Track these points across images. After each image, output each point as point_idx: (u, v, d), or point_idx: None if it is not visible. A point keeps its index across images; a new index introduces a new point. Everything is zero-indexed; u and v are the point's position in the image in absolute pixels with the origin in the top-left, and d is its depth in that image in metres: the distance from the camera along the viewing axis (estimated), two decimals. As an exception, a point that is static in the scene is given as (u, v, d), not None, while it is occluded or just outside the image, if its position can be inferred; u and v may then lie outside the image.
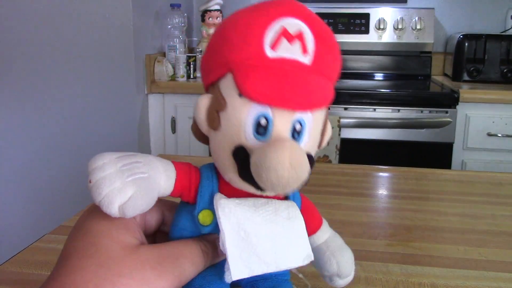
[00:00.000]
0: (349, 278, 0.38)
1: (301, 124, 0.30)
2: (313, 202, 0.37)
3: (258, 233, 0.30)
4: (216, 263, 0.33)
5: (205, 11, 2.05)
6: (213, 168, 0.32)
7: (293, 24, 0.29)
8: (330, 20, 2.13)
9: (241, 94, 0.28)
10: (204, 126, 0.31)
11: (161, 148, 1.88)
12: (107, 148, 0.37)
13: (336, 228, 0.38)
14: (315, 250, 0.36)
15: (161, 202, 0.34)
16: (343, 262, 0.37)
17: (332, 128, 1.59)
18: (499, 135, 1.67)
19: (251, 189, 0.30)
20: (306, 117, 0.30)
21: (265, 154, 0.27)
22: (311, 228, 0.36)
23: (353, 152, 1.71)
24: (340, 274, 0.37)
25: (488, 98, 1.67)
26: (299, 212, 0.33)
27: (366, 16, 2.10)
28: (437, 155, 1.71)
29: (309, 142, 0.31)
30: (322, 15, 2.15)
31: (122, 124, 1.66)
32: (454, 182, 0.78)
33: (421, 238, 0.57)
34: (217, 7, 2.05)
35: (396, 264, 0.50)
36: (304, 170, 0.28)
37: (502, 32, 2.07)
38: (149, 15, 1.83)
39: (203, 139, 0.33)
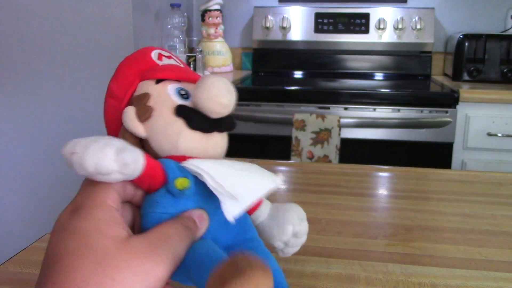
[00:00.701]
0: (304, 233, 0.38)
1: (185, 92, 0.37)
2: (313, 202, 0.37)
3: (233, 174, 0.33)
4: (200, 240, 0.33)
5: (205, 11, 2.05)
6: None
7: (163, 51, 0.40)
8: (330, 20, 2.13)
9: (157, 81, 0.36)
10: (138, 127, 0.35)
11: (161, 148, 1.88)
12: None
13: (336, 228, 0.38)
14: (263, 224, 0.38)
15: (130, 203, 0.34)
16: (292, 221, 0.38)
17: (332, 128, 1.59)
18: (499, 135, 1.67)
19: (198, 136, 0.34)
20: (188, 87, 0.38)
21: (206, 79, 0.34)
22: (252, 208, 0.38)
23: (353, 152, 1.71)
24: (297, 233, 0.38)
25: (488, 98, 1.67)
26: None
27: (366, 16, 2.10)
28: (437, 155, 1.71)
29: None
30: (322, 15, 2.16)
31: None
32: (454, 182, 0.78)
33: (421, 238, 0.57)
34: (217, 6, 2.05)
35: (396, 264, 0.50)
36: (234, 90, 0.35)
37: (502, 32, 2.07)
38: (149, 15, 1.83)
39: (138, 143, 0.36)
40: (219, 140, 0.35)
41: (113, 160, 0.28)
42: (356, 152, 1.73)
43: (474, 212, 0.65)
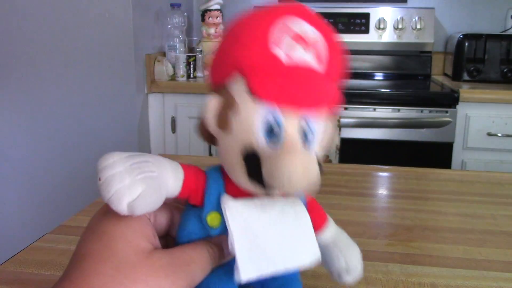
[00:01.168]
0: (357, 274, 0.37)
1: (307, 125, 0.30)
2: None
3: (266, 233, 0.30)
4: (224, 263, 0.33)
5: (205, 11, 2.05)
6: (219, 170, 0.33)
7: (309, 32, 0.30)
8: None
9: (257, 97, 0.29)
10: (213, 127, 0.31)
11: (161, 148, 1.88)
12: (106, 148, 0.37)
13: (336, 228, 0.38)
14: (322, 247, 0.36)
15: (169, 203, 0.34)
16: (351, 258, 0.37)
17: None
18: (499, 135, 1.67)
19: (259, 191, 0.30)
20: (316, 122, 0.30)
21: (280, 164, 0.28)
22: (317, 226, 0.36)
23: (353, 152, 1.71)
24: (349, 270, 0.37)
25: (488, 98, 1.67)
26: (305, 211, 0.33)
27: (366, 16, 2.10)
28: (437, 155, 1.71)
29: (317, 148, 0.31)
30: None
31: (122, 124, 1.66)
32: (454, 182, 0.78)
33: (421, 238, 0.57)
34: (217, 6, 2.05)
35: (396, 264, 0.50)
36: (315, 177, 0.29)
37: (502, 32, 2.07)
38: (149, 15, 1.83)
39: (210, 139, 0.33)
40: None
41: (125, 208, 0.28)
42: (356, 152, 1.73)
43: (474, 212, 0.65)
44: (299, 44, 0.30)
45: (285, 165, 0.28)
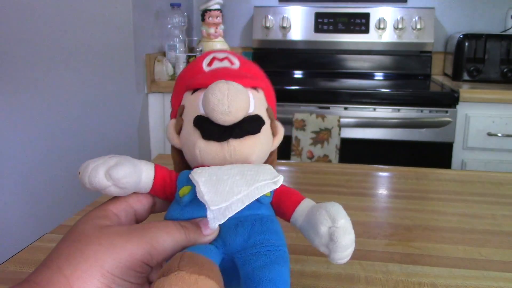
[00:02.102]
0: (346, 229, 0.34)
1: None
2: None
3: (229, 171, 0.33)
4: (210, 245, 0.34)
5: (205, 11, 2.05)
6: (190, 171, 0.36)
7: (221, 53, 0.40)
8: (330, 20, 2.13)
9: (194, 90, 0.37)
10: (174, 140, 0.38)
11: (161, 148, 1.88)
12: (107, 148, 0.39)
13: (336, 228, 0.38)
14: (302, 224, 0.35)
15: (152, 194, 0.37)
16: (334, 212, 0.33)
17: (332, 128, 1.59)
18: (499, 135, 1.67)
19: (214, 147, 0.35)
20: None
21: (207, 90, 0.34)
22: (292, 202, 0.36)
23: (353, 151, 1.71)
24: (335, 220, 0.33)
25: (488, 98, 1.67)
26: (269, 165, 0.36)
27: (366, 16, 2.10)
28: (437, 155, 1.71)
29: (255, 110, 0.37)
30: (322, 15, 2.16)
31: (122, 123, 1.66)
32: (454, 182, 0.78)
33: (421, 238, 0.57)
34: (217, 6, 2.05)
35: (396, 264, 0.50)
36: (241, 95, 0.33)
37: (502, 32, 2.07)
38: (149, 15, 1.83)
39: (182, 160, 0.39)
40: (239, 146, 0.35)
41: (103, 177, 0.32)
42: (356, 152, 1.73)
43: (474, 212, 0.65)
44: (216, 59, 0.40)
45: (212, 85, 0.34)
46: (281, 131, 0.40)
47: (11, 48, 1.13)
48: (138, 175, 0.34)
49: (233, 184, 0.32)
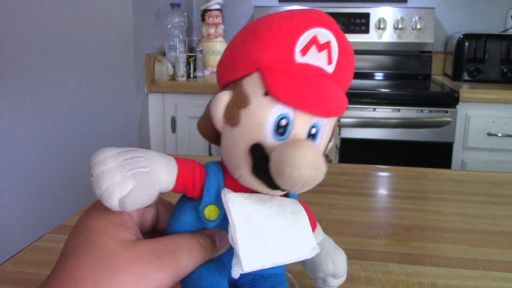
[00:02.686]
0: (343, 279, 0.38)
1: (316, 128, 0.31)
2: (313, 202, 0.37)
3: (267, 225, 0.30)
4: (216, 258, 0.33)
5: (205, 11, 2.05)
6: (219, 165, 0.33)
7: (324, 34, 0.31)
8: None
9: (266, 93, 0.29)
10: (220, 122, 0.31)
11: (161, 147, 1.88)
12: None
13: (336, 228, 0.38)
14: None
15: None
16: (338, 262, 0.37)
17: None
18: (499, 135, 1.67)
19: (261, 187, 0.31)
20: (322, 123, 0.31)
21: (290, 151, 0.28)
22: None
23: (353, 151, 1.71)
24: (336, 274, 0.37)
25: (488, 98, 1.67)
26: (303, 208, 0.33)
27: (366, 16, 2.10)
28: (437, 155, 1.71)
29: (321, 146, 0.32)
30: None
31: (122, 123, 1.66)
32: (454, 182, 0.78)
33: (421, 238, 0.57)
34: (217, 6, 2.05)
35: (396, 264, 0.50)
36: (323, 171, 0.29)
37: (502, 32, 2.07)
38: (149, 15, 1.83)
39: (211, 136, 0.33)
40: (281, 191, 0.32)
41: (117, 205, 0.29)
42: (356, 152, 1.73)
43: (474, 212, 0.65)
44: (314, 45, 0.31)
45: (297, 154, 0.28)
46: (334, 137, 0.35)
47: (11, 48, 1.13)
48: (155, 194, 0.30)
49: (271, 245, 0.30)
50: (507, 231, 0.59)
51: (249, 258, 0.30)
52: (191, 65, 1.87)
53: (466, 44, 1.87)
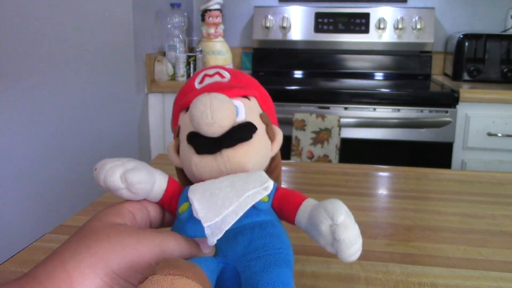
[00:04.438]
0: (350, 227, 0.32)
1: (236, 108, 0.37)
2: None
3: (219, 184, 0.34)
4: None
5: (205, 11, 2.05)
6: None
7: (212, 69, 0.42)
8: (330, 20, 2.13)
9: (186, 110, 0.38)
10: (175, 160, 0.38)
11: (161, 148, 1.88)
12: (107, 148, 0.40)
13: (336, 228, 0.38)
14: (306, 225, 0.34)
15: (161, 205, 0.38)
16: (329, 206, 0.32)
17: (332, 128, 1.59)
18: (499, 135, 1.67)
19: (208, 160, 0.35)
20: (238, 103, 0.37)
21: (191, 105, 0.34)
22: (294, 205, 0.35)
23: (353, 151, 1.71)
24: (333, 217, 0.31)
25: (488, 98, 1.67)
26: (262, 171, 0.37)
27: (366, 16, 2.10)
28: (437, 155, 1.71)
29: (247, 117, 0.37)
30: (322, 15, 2.15)
31: (122, 123, 1.66)
32: (454, 182, 0.78)
33: (421, 238, 0.57)
34: (217, 6, 2.05)
35: (396, 264, 0.50)
36: (224, 104, 0.34)
37: (502, 32, 2.07)
38: (149, 15, 1.83)
39: (183, 177, 0.40)
40: (232, 155, 0.35)
41: (119, 178, 0.33)
42: (356, 152, 1.73)
43: (474, 212, 0.65)
44: (206, 76, 0.41)
45: (195, 100, 0.34)
46: (279, 135, 0.40)
47: (11, 48, 1.13)
48: (152, 183, 0.35)
49: (224, 197, 0.32)
50: (507, 231, 0.59)
51: (207, 214, 0.32)
52: (191, 65, 1.87)
53: (466, 44, 1.87)
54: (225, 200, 0.32)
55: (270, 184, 0.34)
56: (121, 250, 0.29)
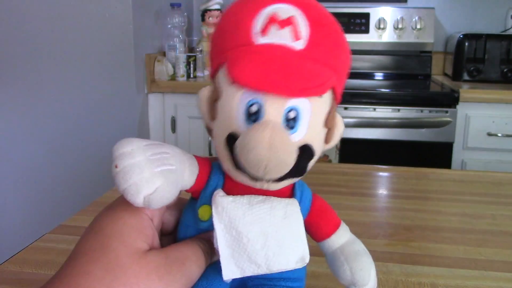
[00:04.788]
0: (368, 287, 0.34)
1: (296, 113, 0.28)
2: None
3: (249, 233, 0.29)
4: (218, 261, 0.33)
5: (205, 11, 2.05)
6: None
7: (285, 9, 0.29)
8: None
9: (232, 81, 0.28)
10: (206, 118, 0.31)
11: (161, 147, 1.88)
12: (107, 148, 0.36)
13: (336, 228, 0.38)
14: (330, 255, 0.35)
15: (179, 199, 0.33)
16: (357, 269, 0.34)
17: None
18: (499, 135, 1.67)
19: (245, 179, 0.30)
20: (302, 105, 0.28)
21: (247, 134, 0.27)
22: (325, 232, 0.34)
23: (353, 151, 1.71)
24: (355, 282, 0.34)
25: (488, 98, 1.67)
26: (299, 211, 0.31)
27: (366, 16, 2.10)
28: (437, 155, 1.71)
29: (308, 133, 0.29)
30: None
31: (122, 123, 1.66)
32: (454, 182, 0.78)
33: (421, 238, 0.57)
34: (217, 6, 2.05)
35: (396, 264, 0.50)
36: (285, 152, 0.27)
37: (502, 32, 2.07)
38: (149, 15, 1.83)
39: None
40: (274, 185, 0.30)
41: (142, 202, 0.27)
42: (356, 152, 1.73)
43: (474, 212, 0.65)
44: (274, 23, 0.28)
45: (251, 135, 0.26)
46: (339, 125, 0.32)
47: (11, 48, 1.13)
48: (177, 193, 0.30)
49: (252, 254, 0.29)
50: (507, 231, 0.59)
51: (229, 267, 0.29)
52: (191, 65, 1.87)
53: (466, 44, 1.87)
54: (252, 259, 0.29)
55: (307, 258, 0.31)
56: None
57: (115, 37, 1.60)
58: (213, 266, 0.32)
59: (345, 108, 1.69)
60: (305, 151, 0.29)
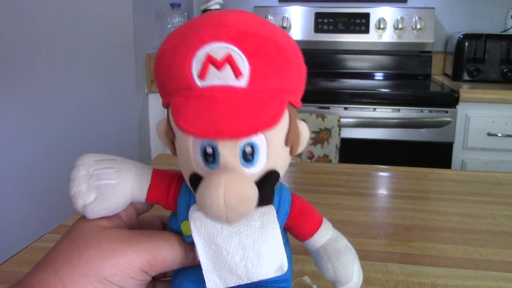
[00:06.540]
0: (352, 285, 0.35)
1: (252, 147, 0.28)
2: (313, 202, 0.36)
3: (228, 246, 0.30)
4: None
5: (205, 11, 2.05)
6: None
7: (219, 48, 0.27)
8: (330, 20, 2.13)
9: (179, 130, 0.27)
10: (168, 145, 0.32)
11: (161, 147, 1.88)
12: (107, 148, 0.37)
13: (336, 228, 0.38)
14: (314, 253, 0.36)
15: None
16: (339, 267, 0.34)
17: (332, 128, 1.58)
18: (499, 135, 1.67)
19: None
20: (256, 139, 0.28)
21: (202, 193, 0.27)
22: (307, 232, 0.35)
23: (353, 151, 1.71)
24: (338, 279, 0.34)
25: (488, 98, 1.67)
26: (275, 220, 0.31)
27: (366, 16, 2.10)
28: (437, 155, 1.71)
29: (270, 161, 0.29)
30: (322, 15, 2.15)
31: (122, 123, 1.66)
32: (454, 182, 0.78)
33: (421, 238, 0.57)
34: (217, 6, 2.05)
35: (396, 264, 0.50)
36: (243, 204, 0.27)
37: (502, 32, 2.07)
38: (149, 15, 1.83)
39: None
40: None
41: (82, 209, 0.31)
42: (356, 152, 1.73)
43: (474, 212, 0.65)
44: (211, 64, 0.27)
45: (206, 196, 0.26)
46: (303, 132, 0.33)
47: (11, 48, 1.13)
48: (119, 205, 0.32)
49: (232, 266, 0.30)
50: (507, 231, 0.59)
51: (212, 278, 0.30)
52: (191, 65, 1.87)
53: (466, 44, 1.87)
54: (233, 270, 0.30)
55: (285, 267, 0.31)
56: (113, 257, 0.29)
57: (115, 37, 1.60)
58: (194, 272, 0.32)
59: (345, 108, 1.69)
60: (270, 177, 0.29)
